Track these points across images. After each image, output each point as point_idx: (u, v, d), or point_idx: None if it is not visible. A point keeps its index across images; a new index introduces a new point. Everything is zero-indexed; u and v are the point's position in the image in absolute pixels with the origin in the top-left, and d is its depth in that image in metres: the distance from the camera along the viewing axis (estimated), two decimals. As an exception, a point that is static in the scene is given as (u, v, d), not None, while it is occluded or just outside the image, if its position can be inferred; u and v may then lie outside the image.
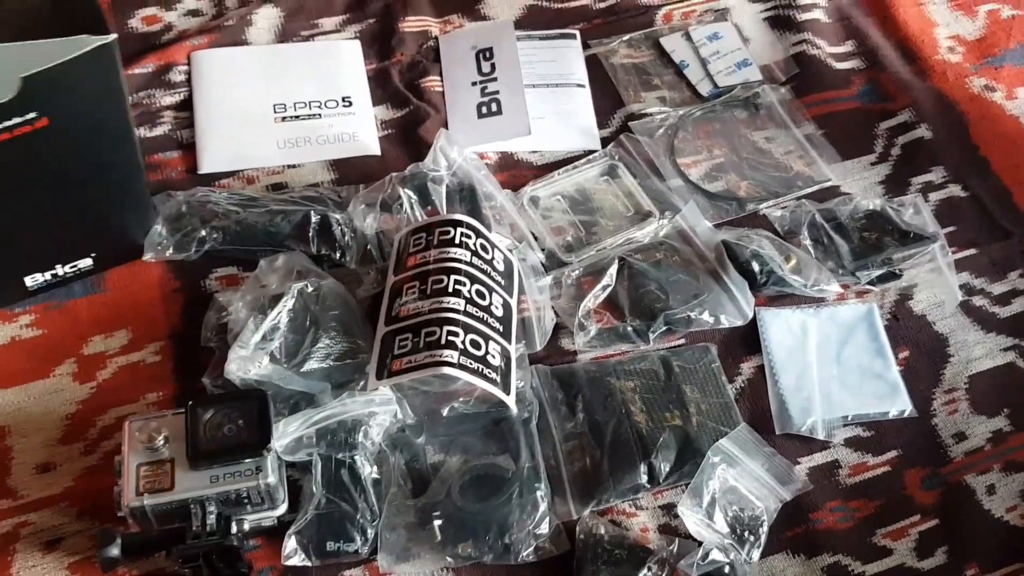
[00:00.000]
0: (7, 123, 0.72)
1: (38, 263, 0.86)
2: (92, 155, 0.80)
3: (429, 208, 0.94)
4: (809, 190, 1.02)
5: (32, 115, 0.73)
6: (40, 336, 0.88)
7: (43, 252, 0.86)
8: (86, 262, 0.88)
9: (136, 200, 0.88)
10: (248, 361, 0.80)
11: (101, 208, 0.86)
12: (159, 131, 1.02)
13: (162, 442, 0.73)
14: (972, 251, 1.00)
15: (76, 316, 0.89)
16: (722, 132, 1.07)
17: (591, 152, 1.05)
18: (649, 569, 0.77)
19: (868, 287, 0.95)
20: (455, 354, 0.79)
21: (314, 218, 0.91)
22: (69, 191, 0.81)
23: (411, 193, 0.93)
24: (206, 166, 0.99)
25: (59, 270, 0.87)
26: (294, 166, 1.01)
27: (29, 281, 0.87)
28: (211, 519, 0.72)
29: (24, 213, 0.80)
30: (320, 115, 1.03)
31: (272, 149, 1.01)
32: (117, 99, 0.78)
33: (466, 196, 0.95)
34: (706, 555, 0.75)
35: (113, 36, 0.73)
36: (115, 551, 0.71)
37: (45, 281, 0.87)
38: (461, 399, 0.83)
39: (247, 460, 0.73)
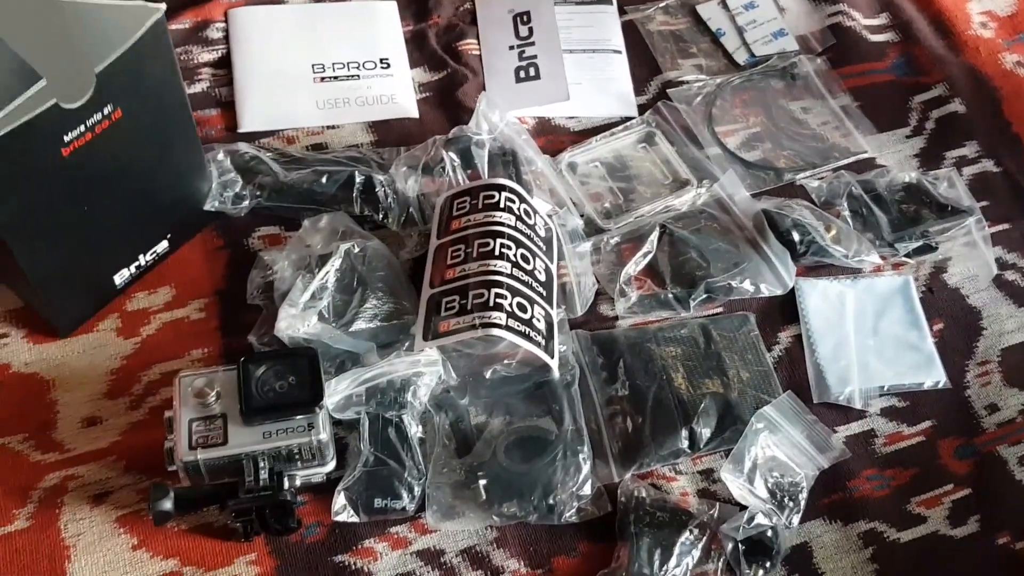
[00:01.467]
0: (90, 122, 0.72)
1: (124, 258, 0.86)
2: (160, 135, 0.80)
3: (471, 172, 0.93)
4: (845, 161, 1.03)
5: (109, 108, 0.72)
6: (82, 291, 0.88)
7: (128, 246, 0.86)
8: (163, 245, 0.88)
9: (198, 171, 0.88)
10: (298, 319, 0.80)
11: (172, 186, 0.86)
12: (197, 88, 1.01)
13: (214, 398, 0.74)
14: (1005, 226, 1.01)
15: (118, 272, 0.89)
16: (759, 101, 1.07)
17: (628, 119, 1.04)
18: (690, 532, 0.78)
19: (904, 259, 0.96)
20: (503, 316, 0.80)
21: (358, 179, 0.91)
22: (144, 178, 0.81)
23: (454, 156, 0.93)
24: (246, 124, 0.99)
25: (141, 260, 0.87)
26: (333, 127, 1.00)
27: (117, 279, 0.86)
28: (263, 474, 0.72)
29: (110, 213, 0.80)
30: (358, 76, 1.03)
31: (311, 109, 1.00)
32: (173, 72, 0.78)
33: (508, 160, 0.95)
34: (751, 519, 0.76)
35: (162, 7, 0.72)
36: (168, 504, 0.71)
37: (131, 275, 0.87)
38: (504, 362, 0.83)
39: (299, 417, 0.74)
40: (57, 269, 0.80)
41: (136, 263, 0.87)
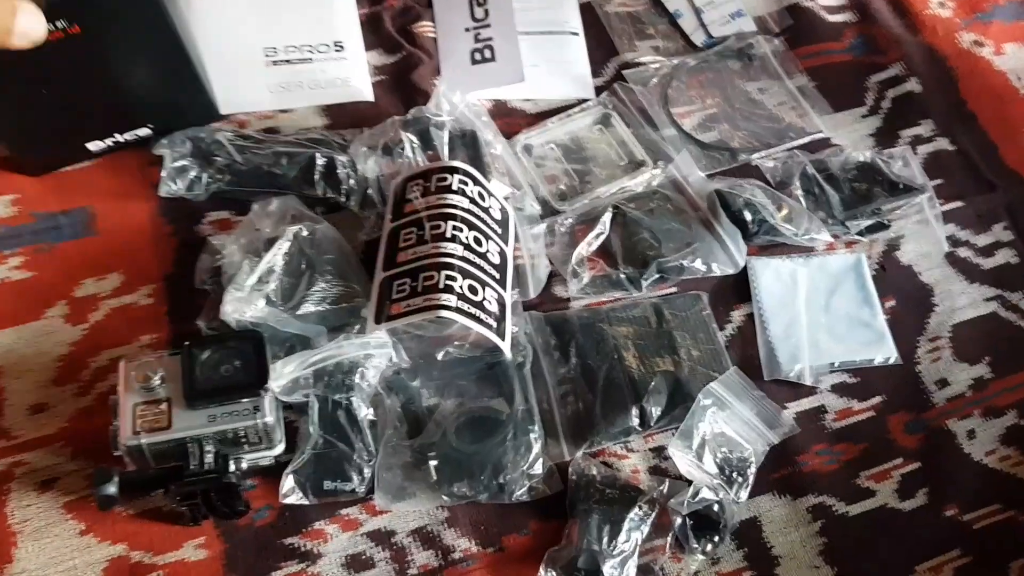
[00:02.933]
0: None
1: (97, 133, 0.90)
2: (131, 48, 0.83)
3: (431, 153, 0.93)
4: (801, 141, 1.03)
5: (62, 23, 0.74)
6: (30, 278, 0.88)
7: (101, 124, 0.90)
8: (144, 131, 0.92)
9: (183, 80, 0.91)
10: (244, 303, 0.79)
11: (149, 90, 0.88)
12: (148, 73, 1.00)
13: (158, 382, 0.74)
14: (958, 203, 1.02)
15: (66, 258, 0.89)
16: (716, 82, 1.07)
17: (585, 101, 1.04)
18: (640, 507, 0.78)
19: (857, 237, 0.97)
20: (453, 298, 0.80)
21: (320, 160, 0.91)
22: (116, 79, 0.85)
23: (413, 137, 0.93)
24: (197, 109, 0.98)
25: (119, 137, 0.91)
26: (286, 111, 1.00)
27: (92, 146, 0.91)
28: (209, 457, 0.72)
29: (76, 94, 0.84)
30: (311, 59, 1.02)
31: (263, 93, 1.00)
32: None
33: (468, 142, 0.94)
34: (696, 493, 0.77)
35: None
36: (112, 489, 0.71)
37: (107, 147, 0.91)
38: (455, 343, 0.83)
39: (245, 400, 0.73)
40: (20, 122, 0.85)
41: (112, 139, 0.91)
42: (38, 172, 0.91)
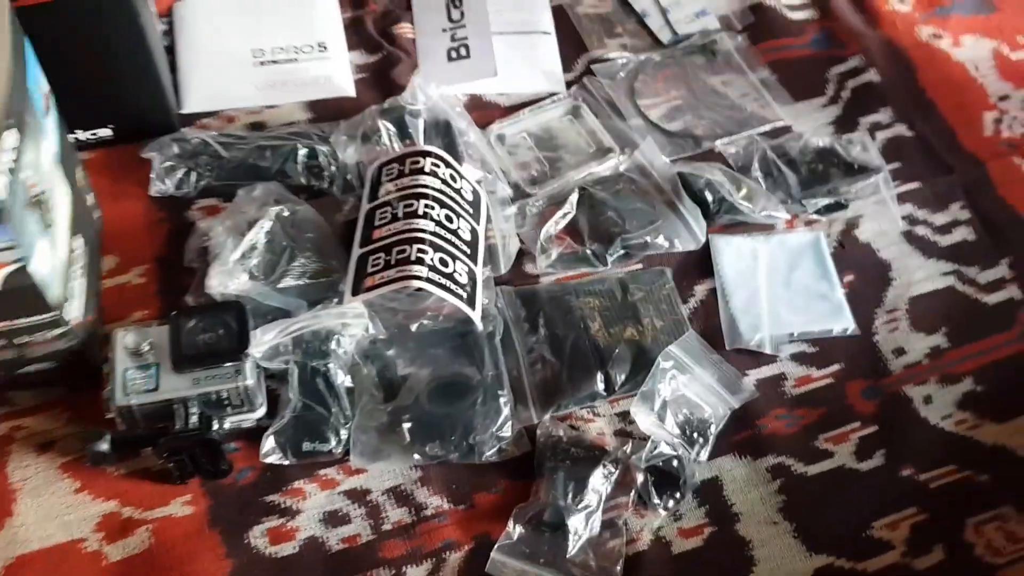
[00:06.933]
0: None
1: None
2: (98, 33, 0.86)
3: (407, 141, 0.98)
4: (763, 129, 1.07)
5: None
6: (31, 262, 0.93)
7: (62, 117, 0.89)
8: (105, 132, 0.95)
9: (149, 81, 0.94)
10: (228, 276, 0.85)
11: (113, 84, 0.92)
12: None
13: (147, 348, 0.79)
14: (916, 184, 1.05)
15: (65, 243, 0.94)
16: (681, 77, 1.12)
17: (555, 94, 1.09)
18: (604, 466, 0.82)
19: (816, 217, 1.01)
20: (424, 270, 0.84)
21: (301, 151, 0.97)
22: (79, 64, 0.87)
23: (389, 125, 0.98)
24: (188, 105, 1.04)
25: (80, 135, 0.94)
26: (272, 107, 1.05)
27: None
28: (194, 417, 0.77)
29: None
30: (297, 59, 1.08)
31: (251, 90, 1.05)
32: None
33: (442, 130, 1.00)
34: (654, 448, 0.81)
35: None
36: (104, 446, 0.76)
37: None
38: (429, 315, 0.88)
39: (227, 364, 0.78)
40: None
41: (74, 135, 0.93)
42: None
